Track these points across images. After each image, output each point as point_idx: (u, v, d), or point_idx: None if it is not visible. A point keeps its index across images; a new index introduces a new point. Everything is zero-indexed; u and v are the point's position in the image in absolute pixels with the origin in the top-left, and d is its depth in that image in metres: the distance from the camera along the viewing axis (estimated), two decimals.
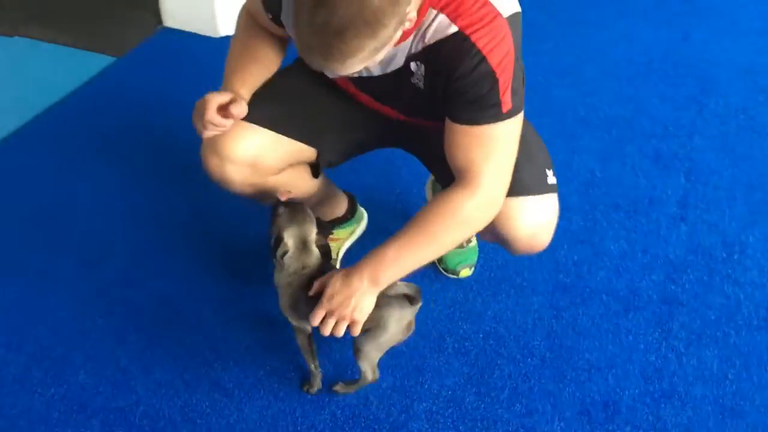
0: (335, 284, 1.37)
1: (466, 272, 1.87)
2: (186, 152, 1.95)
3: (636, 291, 1.86)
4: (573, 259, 1.94)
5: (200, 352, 1.68)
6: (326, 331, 1.38)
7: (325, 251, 1.51)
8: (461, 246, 1.88)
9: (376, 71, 1.42)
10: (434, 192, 1.94)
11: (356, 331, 1.39)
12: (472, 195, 1.34)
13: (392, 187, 2.14)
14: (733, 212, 2.09)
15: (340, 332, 1.38)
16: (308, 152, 1.61)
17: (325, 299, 1.37)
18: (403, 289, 1.44)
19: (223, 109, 1.41)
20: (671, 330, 1.76)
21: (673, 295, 1.84)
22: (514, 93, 1.29)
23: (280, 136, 1.53)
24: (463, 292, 1.84)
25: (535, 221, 1.48)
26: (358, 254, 1.83)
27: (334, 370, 1.65)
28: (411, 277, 1.43)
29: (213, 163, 1.51)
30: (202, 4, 2.81)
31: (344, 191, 1.95)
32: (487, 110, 1.29)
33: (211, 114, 1.40)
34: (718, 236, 2.01)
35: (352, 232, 1.97)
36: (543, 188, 1.50)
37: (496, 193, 1.36)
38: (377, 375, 1.54)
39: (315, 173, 1.69)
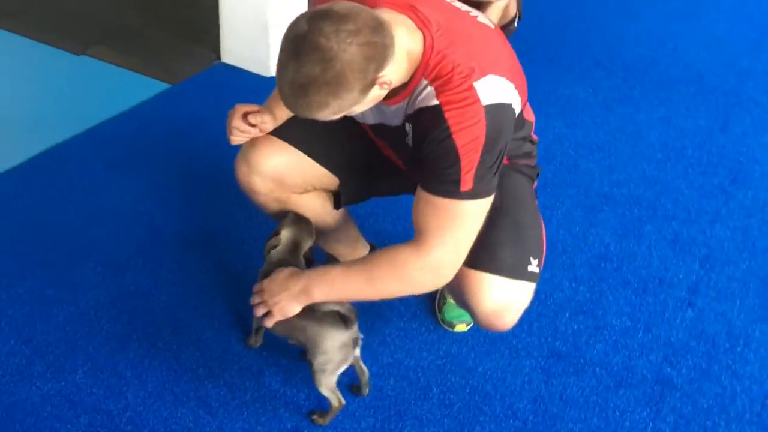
0: (278, 276, 1.52)
1: (462, 327, 1.90)
2: (219, 178, 2.06)
3: (631, 368, 1.85)
4: (573, 328, 1.95)
5: (194, 368, 1.74)
6: (252, 303, 1.54)
7: (310, 262, 1.62)
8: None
9: (391, 122, 1.50)
10: None
11: (268, 323, 1.52)
12: (418, 257, 1.41)
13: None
14: (743, 305, 2.07)
15: (258, 314, 1.53)
16: (331, 180, 1.70)
17: (264, 282, 1.54)
18: (336, 306, 1.50)
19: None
20: (660, 411, 1.75)
21: (668, 378, 1.83)
22: (478, 177, 1.36)
23: (307, 158, 1.64)
24: (457, 346, 1.87)
25: (501, 302, 1.51)
26: (366, 311, 1.89)
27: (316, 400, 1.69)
28: (405, 319, 1.48)
29: (242, 171, 1.64)
30: (259, 44, 2.96)
31: (368, 241, 2.01)
32: (445, 184, 1.36)
33: (237, 121, 1.58)
34: (724, 326, 2.00)
35: None
36: (520, 274, 1.53)
37: (442, 263, 1.42)
38: (342, 400, 1.59)
39: (336, 205, 1.77)
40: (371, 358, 1.80)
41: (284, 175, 1.64)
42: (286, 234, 1.61)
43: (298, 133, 1.63)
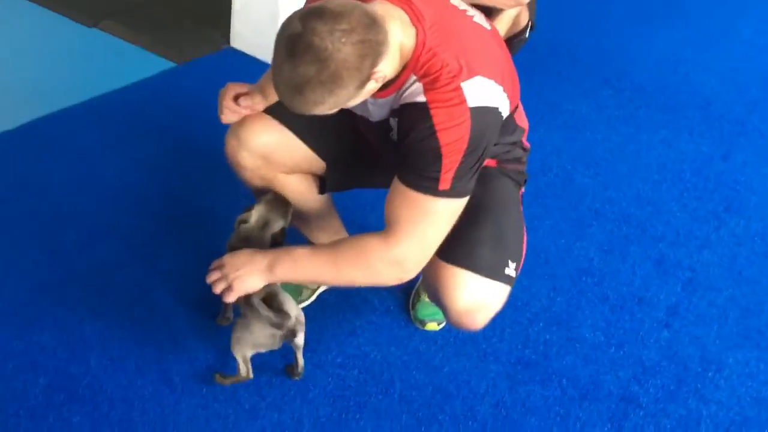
0: (243, 253, 1.51)
1: (433, 326, 1.89)
2: (212, 159, 2.06)
3: (598, 383, 1.84)
4: (545, 338, 1.94)
5: (160, 341, 1.75)
6: (208, 280, 1.51)
7: (275, 243, 1.62)
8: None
9: (374, 117, 1.50)
10: None
11: (229, 297, 1.48)
12: (384, 247, 1.41)
13: None
14: (720, 331, 2.05)
15: (216, 291, 1.50)
16: (318, 164, 1.71)
17: (225, 256, 1.52)
18: (268, 314, 1.51)
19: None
20: (621, 428, 1.74)
21: (634, 396, 1.82)
22: (457, 177, 1.36)
23: (296, 138, 1.65)
24: (426, 344, 1.86)
25: (473, 300, 1.51)
26: (339, 303, 1.92)
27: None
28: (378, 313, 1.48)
29: (231, 145, 1.65)
30: (268, 32, 2.93)
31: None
32: (424, 180, 1.37)
33: (228, 101, 1.61)
34: (698, 350, 1.98)
35: None
36: (496, 275, 1.53)
37: (407, 257, 1.42)
38: (250, 373, 1.61)
39: (321, 189, 1.78)
40: (338, 347, 1.81)
41: (272, 153, 1.65)
42: (258, 210, 1.62)
43: (290, 113, 1.63)
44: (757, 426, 1.79)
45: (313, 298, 1.92)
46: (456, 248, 1.48)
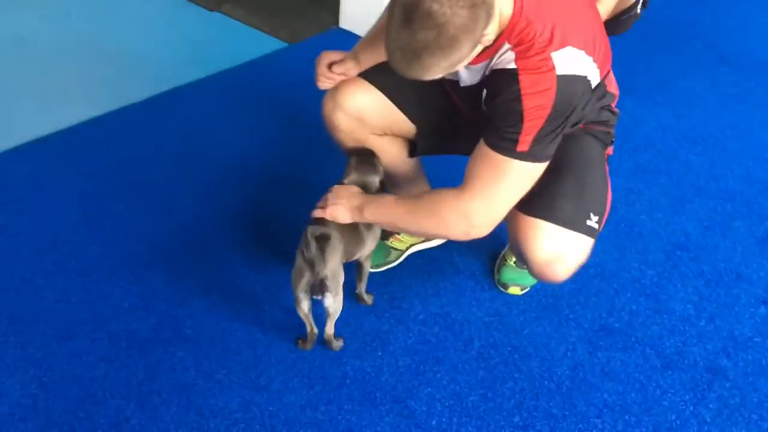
0: (348, 189, 1.69)
1: (515, 290, 1.93)
2: (315, 131, 2.16)
3: (683, 353, 1.81)
4: (631, 308, 1.93)
5: (256, 292, 1.88)
6: (318, 205, 1.68)
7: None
8: (521, 267, 1.94)
9: (465, 81, 1.56)
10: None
11: (318, 213, 1.66)
12: (456, 199, 1.48)
13: None
14: None
15: (315, 214, 1.66)
16: (408, 128, 1.79)
17: (335, 187, 1.70)
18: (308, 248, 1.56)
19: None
20: (704, 398, 1.71)
21: (722, 368, 1.78)
22: (536, 141, 1.40)
23: (389, 102, 1.74)
24: (508, 307, 1.90)
25: (554, 251, 1.54)
26: (426, 265, 2.00)
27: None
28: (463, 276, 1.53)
29: (328, 107, 1.76)
30: (375, 12, 3.07)
31: None
32: (504, 141, 1.41)
33: (323, 68, 1.73)
34: None
35: (427, 239, 2.08)
36: (577, 225, 1.55)
37: (475, 212, 1.47)
38: (308, 322, 1.70)
39: (411, 153, 1.86)
40: (421, 305, 1.88)
41: (365, 115, 1.74)
42: (351, 179, 1.71)
43: (384, 77, 1.71)
44: None
45: (401, 259, 2.01)
46: (537, 201, 1.52)
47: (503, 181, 1.47)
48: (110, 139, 2.40)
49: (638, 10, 3.25)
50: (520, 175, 1.46)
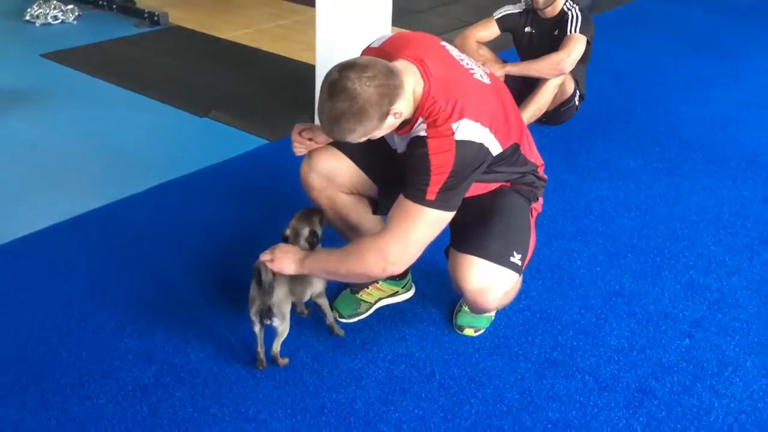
0: (291, 247, 1.99)
1: (470, 332, 2.21)
2: (295, 208, 2.46)
3: (618, 378, 2.09)
4: (572, 343, 2.21)
5: (247, 341, 2.15)
6: (263, 255, 1.97)
7: (311, 245, 2.07)
8: (476, 312, 2.23)
9: (400, 149, 1.93)
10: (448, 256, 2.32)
11: (268, 265, 1.94)
12: (374, 241, 1.83)
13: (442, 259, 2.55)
14: (741, 340, 2.25)
15: (263, 258, 1.95)
16: (371, 186, 2.13)
17: (280, 244, 2.01)
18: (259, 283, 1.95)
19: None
20: (635, 413, 1.97)
21: (651, 389, 2.05)
22: (441, 192, 1.75)
23: (354, 165, 2.09)
24: (465, 347, 2.18)
25: (483, 282, 1.87)
26: (392, 315, 2.29)
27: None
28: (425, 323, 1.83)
29: (303, 170, 2.12)
30: None
31: None
32: (415, 190, 1.77)
33: (295, 135, 2.08)
34: (717, 355, 2.19)
35: (395, 293, 2.36)
36: (503, 261, 1.89)
37: (390, 250, 1.80)
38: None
39: (374, 210, 2.19)
40: (389, 348, 2.16)
41: (334, 175, 2.09)
42: (291, 225, 2.10)
43: (351, 146, 2.05)
44: (767, 415, 1.98)
45: (371, 311, 2.30)
46: (469, 240, 1.86)
47: (413, 224, 1.80)
48: (113, 224, 2.72)
49: (576, 102, 3.74)
50: (428, 220, 1.80)
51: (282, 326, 2.00)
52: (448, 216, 1.81)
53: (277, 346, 2.03)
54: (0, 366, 2.03)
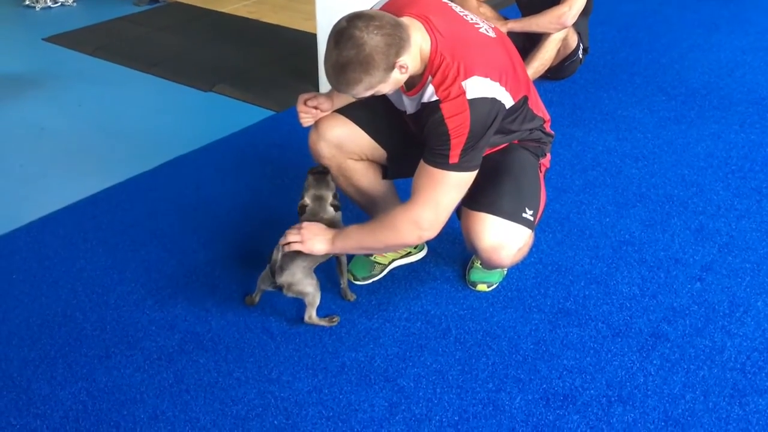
0: (318, 224, 1.98)
1: (482, 287, 2.25)
2: (302, 179, 2.48)
3: (630, 324, 2.12)
4: (584, 293, 2.25)
5: (264, 308, 2.19)
6: (289, 236, 1.98)
7: (336, 207, 2.10)
8: (490, 268, 2.26)
9: (409, 109, 1.94)
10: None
11: (296, 247, 1.97)
12: (405, 211, 1.85)
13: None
14: (752, 281, 2.28)
15: (288, 239, 1.98)
16: (380, 153, 2.14)
17: (305, 222, 2.01)
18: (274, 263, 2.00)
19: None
20: (649, 356, 2.01)
21: (663, 332, 2.09)
22: (464, 153, 1.77)
23: (362, 132, 2.10)
24: (479, 302, 2.22)
25: (496, 239, 1.89)
26: (406, 275, 2.32)
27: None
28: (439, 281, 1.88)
29: (312, 139, 2.12)
30: None
31: None
32: (438, 157, 1.79)
33: (300, 105, 2.09)
34: (728, 296, 2.22)
35: (408, 254, 2.39)
36: (515, 217, 1.91)
37: (422, 218, 1.83)
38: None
39: (384, 175, 2.21)
40: (404, 307, 2.20)
41: (343, 143, 2.10)
42: (309, 193, 2.10)
43: (358, 112, 2.09)
44: None
45: (384, 272, 2.34)
46: (480, 198, 1.88)
47: (442, 190, 1.82)
48: (128, 202, 2.76)
49: (580, 56, 3.72)
50: (454, 183, 1.82)
51: (309, 297, 2.05)
52: (473, 175, 1.83)
53: (309, 315, 2.08)
54: (28, 342, 2.09)
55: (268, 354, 2.04)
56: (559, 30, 3.35)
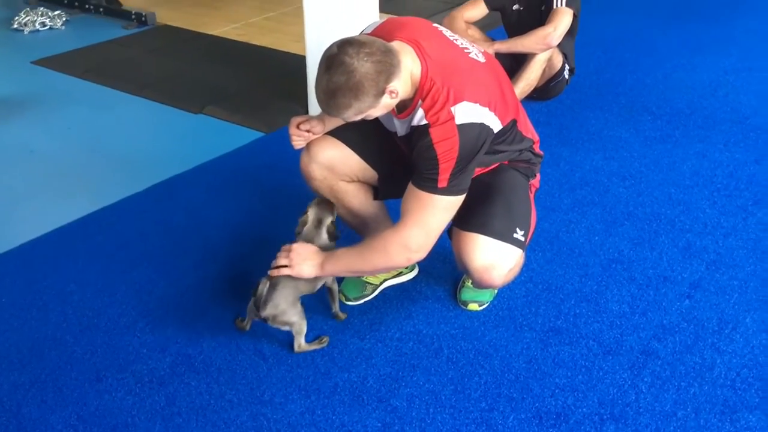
0: (308, 247, 1.98)
1: (474, 306, 2.26)
2: (291, 198, 2.51)
3: (621, 342, 2.14)
4: (575, 311, 2.26)
5: (255, 330, 2.19)
6: (279, 258, 1.99)
7: (332, 235, 2.08)
8: (481, 288, 2.27)
9: (400, 132, 1.96)
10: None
11: (285, 272, 1.97)
12: (395, 234, 1.86)
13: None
14: (740, 298, 2.30)
15: (278, 263, 1.98)
16: (371, 174, 2.16)
17: (295, 245, 2.01)
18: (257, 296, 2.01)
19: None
20: (640, 374, 2.02)
21: (653, 350, 2.10)
22: (452, 177, 1.78)
23: (354, 153, 2.11)
24: (470, 321, 2.23)
25: (488, 260, 1.91)
26: (398, 295, 2.32)
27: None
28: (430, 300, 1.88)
29: (304, 161, 2.13)
30: None
31: None
32: (426, 180, 1.81)
33: (293, 129, 2.10)
34: (717, 314, 2.24)
35: (400, 274, 2.40)
36: (506, 237, 1.93)
37: (411, 242, 1.84)
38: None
39: (375, 196, 2.23)
40: (396, 326, 2.21)
41: (335, 164, 2.11)
42: (312, 213, 2.10)
43: (349, 134, 2.10)
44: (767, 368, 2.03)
45: (376, 293, 2.34)
46: (472, 219, 1.90)
47: (430, 213, 1.84)
48: (118, 224, 2.75)
49: (566, 76, 3.77)
50: (443, 207, 1.84)
51: (295, 327, 2.05)
52: (461, 198, 1.85)
53: (299, 344, 2.07)
54: (18, 367, 2.07)
55: (260, 376, 2.03)
56: (545, 50, 3.39)
